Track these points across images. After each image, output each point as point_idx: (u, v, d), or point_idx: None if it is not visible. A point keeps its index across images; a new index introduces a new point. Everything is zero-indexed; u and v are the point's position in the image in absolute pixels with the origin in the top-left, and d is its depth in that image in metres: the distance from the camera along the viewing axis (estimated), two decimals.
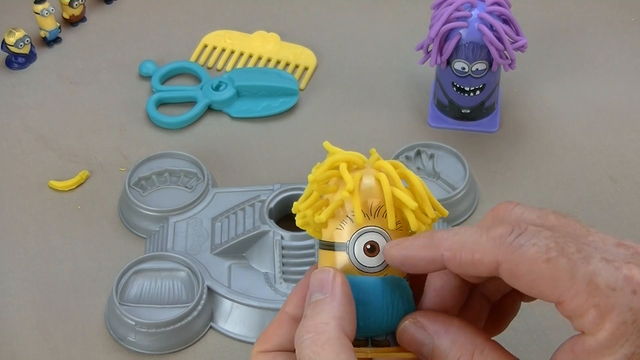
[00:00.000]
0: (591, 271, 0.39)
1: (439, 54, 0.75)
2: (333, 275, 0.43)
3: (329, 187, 0.45)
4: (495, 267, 0.40)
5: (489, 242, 0.41)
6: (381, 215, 0.45)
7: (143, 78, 0.86)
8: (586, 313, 0.38)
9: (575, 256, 0.39)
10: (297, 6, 0.93)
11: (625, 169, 0.78)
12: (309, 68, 0.87)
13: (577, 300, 0.39)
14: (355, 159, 0.46)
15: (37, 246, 0.73)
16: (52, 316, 0.69)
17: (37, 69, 0.87)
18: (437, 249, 0.42)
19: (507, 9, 0.75)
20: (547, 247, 0.39)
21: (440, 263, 0.42)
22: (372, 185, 0.45)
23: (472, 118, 0.80)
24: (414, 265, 0.43)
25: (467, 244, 0.41)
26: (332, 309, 0.42)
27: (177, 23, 0.92)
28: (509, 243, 0.40)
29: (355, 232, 0.45)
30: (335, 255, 0.45)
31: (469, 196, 0.74)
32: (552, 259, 0.39)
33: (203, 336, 0.67)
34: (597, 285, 0.38)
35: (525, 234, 0.40)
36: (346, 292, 0.43)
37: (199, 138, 0.81)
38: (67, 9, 0.90)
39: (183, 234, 0.71)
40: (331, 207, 0.45)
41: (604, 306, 0.38)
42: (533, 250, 0.39)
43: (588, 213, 0.75)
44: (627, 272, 0.39)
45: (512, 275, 0.40)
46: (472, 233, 0.41)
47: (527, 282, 0.40)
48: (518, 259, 0.40)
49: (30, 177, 0.78)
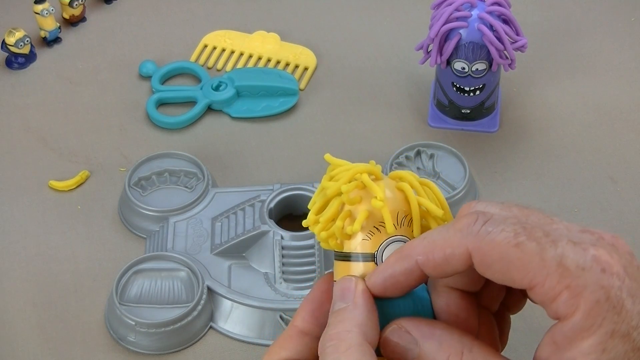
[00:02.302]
0: (560, 253, 0.39)
1: (439, 54, 0.75)
2: (355, 284, 0.43)
3: (352, 198, 0.45)
4: (467, 257, 0.40)
5: (457, 234, 0.41)
6: (406, 224, 0.45)
7: (143, 78, 0.86)
8: (559, 296, 0.38)
9: (543, 240, 0.39)
10: (297, 6, 0.93)
11: (625, 169, 0.78)
12: (309, 68, 0.87)
13: (548, 283, 0.39)
14: (373, 170, 0.46)
15: (37, 246, 0.73)
16: (52, 316, 0.69)
17: (37, 69, 0.87)
18: (410, 258, 0.42)
19: (507, 9, 0.75)
20: (514, 232, 0.39)
21: (418, 272, 0.42)
22: (394, 196, 0.45)
23: (472, 118, 0.80)
24: (395, 284, 0.43)
25: (437, 243, 0.41)
26: (354, 317, 0.42)
27: (177, 23, 0.92)
28: (476, 231, 0.40)
29: (383, 241, 0.45)
30: (360, 265, 0.45)
31: (469, 196, 0.74)
32: (521, 244, 0.39)
33: (203, 336, 0.67)
34: (567, 266, 0.38)
35: (492, 221, 0.40)
36: (368, 299, 0.43)
37: (199, 138, 0.81)
38: (67, 9, 0.90)
39: (183, 234, 0.71)
40: (361, 216, 0.44)
41: (576, 286, 0.38)
42: (501, 236, 0.39)
43: (588, 213, 0.75)
44: (594, 252, 0.39)
45: (484, 264, 0.40)
46: (440, 232, 0.42)
47: (498, 269, 0.40)
48: (487, 246, 0.40)
49: (30, 177, 0.78)
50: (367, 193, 0.45)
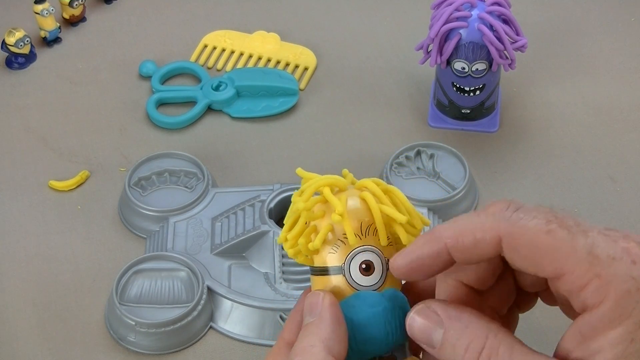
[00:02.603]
0: (590, 243, 0.39)
1: (439, 54, 0.75)
2: (322, 298, 0.44)
3: (315, 213, 0.46)
4: (497, 242, 0.40)
5: (488, 218, 0.41)
6: (372, 234, 0.45)
7: (143, 78, 0.86)
8: (588, 284, 0.38)
9: (574, 228, 0.39)
10: (297, 6, 0.93)
11: (625, 169, 0.78)
12: (309, 68, 0.87)
13: (578, 271, 0.38)
14: (336, 182, 0.46)
15: (37, 246, 0.73)
16: (52, 316, 0.69)
17: (37, 69, 0.87)
18: (439, 240, 0.42)
19: (507, 9, 0.75)
20: (546, 219, 0.39)
21: (446, 257, 0.42)
22: (358, 206, 0.45)
23: (472, 118, 0.80)
24: (421, 267, 0.43)
25: (468, 227, 0.41)
26: (319, 331, 0.43)
27: (177, 23, 0.92)
28: (508, 217, 0.40)
29: (349, 253, 0.45)
30: (331, 279, 0.45)
31: (469, 196, 0.74)
32: (553, 231, 0.39)
33: (203, 336, 0.67)
34: (597, 255, 0.38)
35: (524, 209, 0.40)
36: (334, 313, 0.44)
37: (199, 138, 0.81)
38: (67, 9, 0.90)
39: (183, 234, 0.71)
40: (322, 233, 0.45)
41: (606, 275, 0.38)
42: (533, 223, 0.39)
43: (588, 213, 0.75)
44: (624, 244, 0.39)
45: (513, 249, 0.40)
46: (470, 216, 0.42)
47: (527, 255, 0.40)
48: (519, 231, 0.40)
49: (30, 177, 0.78)
50: (330, 207, 0.45)
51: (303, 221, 0.46)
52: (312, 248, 0.45)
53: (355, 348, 0.44)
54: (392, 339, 0.44)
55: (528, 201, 0.75)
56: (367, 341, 0.44)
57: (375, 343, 0.44)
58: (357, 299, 0.44)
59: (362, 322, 0.44)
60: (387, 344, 0.44)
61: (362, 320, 0.44)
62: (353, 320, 0.44)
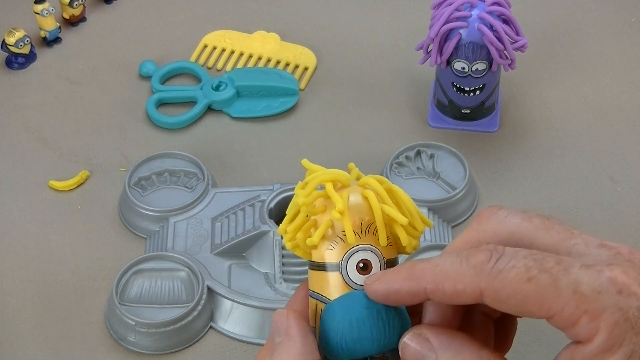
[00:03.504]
0: (573, 280, 0.39)
1: (439, 54, 0.75)
2: (286, 317, 0.44)
3: (316, 208, 0.45)
4: (479, 295, 0.40)
5: (470, 271, 0.41)
6: (371, 233, 0.45)
7: (143, 78, 0.86)
8: (578, 321, 0.39)
9: (554, 269, 0.39)
10: (297, 6, 0.93)
11: (625, 169, 0.78)
12: (309, 68, 0.87)
13: (567, 310, 0.39)
14: (340, 178, 0.46)
15: (37, 246, 0.73)
16: (52, 316, 0.69)
17: (37, 69, 0.87)
18: (420, 282, 0.42)
19: (507, 9, 0.75)
20: (526, 267, 0.39)
21: (423, 295, 0.42)
22: (359, 203, 0.45)
23: (472, 118, 0.80)
24: (397, 299, 0.43)
25: (449, 275, 0.41)
26: (289, 349, 0.43)
27: (177, 23, 0.92)
28: (489, 270, 0.40)
29: (347, 251, 0.45)
30: (327, 275, 0.45)
31: (469, 196, 0.74)
32: (534, 278, 0.39)
33: (203, 336, 0.67)
34: (582, 292, 0.39)
35: (504, 257, 0.40)
36: (299, 329, 0.44)
37: (199, 138, 0.81)
38: (67, 9, 0.89)
39: (183, 234, 0.71)
40: (321, 229, 0.45)
41: (594, 310, 0.38)
42: (513, 273, 0.39)
43: (588, 213, 0.75)
44: (609, 273, 0.39)
45: (498, 300, 0.40)
46: (453, 263, 0.41)
47: (513, 305, 0.40)
48: (499, 284, 0.40)
49: (30, 177, 0.78)
50: (332, 202, 0.45)
51: (303, 215, 0.46)
52: (310, 244, 0.45)
53: (346, 348, 0.44)
54: (384, 341, 0.44)
55: (528, 201, 0.76)
56: (358, 341, 0.44)
57: (366, 344, 0.44)
58: (352, 298, 0.44)
59: (355, 322, 0.44)
60: (379, 345, 0.44)
61: (354, 320, 0.44)
62: (345, 320, 0.44)
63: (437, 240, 0.71)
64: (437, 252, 0.66)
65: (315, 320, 0.45)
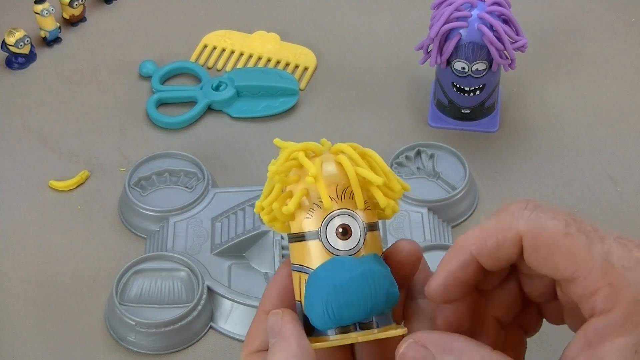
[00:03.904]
0: (606, 250, 0.39)
1: (439, 54, 0.75)
2: (281, 317, 0.44)
3: (290, 178, 0.45)
4: (519, 241, 0.41)
5: (507, 217, 0.41)
6: (348, 197, 0.44)
7: (143, 78, 0.86)
8: (599, 291, 0.39)
9: (592, 234, 0.40)
10: (297, 6, 0.93)
11: (625, 169, 0.78)
12: (309, 68, 0.87)
13: (592, 277, 0.39)
14: (311, 147, 0.45)
15: (37, 246, 0.73)
16: (52, 316, 0.69)
17: (37, 69, 0.87)
18: (464, 250, 0.42)
19: (507, 9, 0.75)
20: (565, 222, 0.40)
21: (475, 266, 0.42)
22: (333, 169, 0.44)
23: (472, 118, 0.80)
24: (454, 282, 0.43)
25: (489, 230, 0.42)
26: (285, 351, 0.43)
27: (177, 23, 0.92)
28: (527, 216, 0.41)
29: (325, 217, 0.44)
30: (308, 245, 0.44)
31: (469, 196, 0.74)
32: (571, 234, 0.40)
33: (203, 336, 0.67)
34: (612, 263, 0.39)
35: (542, 208, 0.41)
36: (294, 329, 0.44)
37: (199, 138, 0.81)
38: (67, 9, 0.89)
39: (183, 234, 0.71)
40: (297, 196, 0.44)
41: (618, 284, 0.38)
42: (552, 224, 0.40)
43: (588, 213, 0.75)
44: (638, 254, 0.39)
45: (532, 248, 0.40)
46: (490, 219, 0.42)
47: (544, 255, 0.40)
48: (538, 230, 0.40)
49: (30, 177, 0.78)
50: (305, 171, 0.44)
51: (278, 188, 0.45)
52: (286, 212, 0.44)
53: (332, 314, 0.43)
54: (370, 305, 0.43)
55: None
56: (344, 307, 0.43)
57: (352, 308, 0.43)
58: (334, 263, 0.44)
59: (339, 287, 0.43)
60: (365, 310, 0.43)
61: (339, 285, 0.43)
62: (330, 286, 0.43)
63: (437, 240, 0.71)
64: (437, 252, 0.66)
65: (300, 293, 0.45)
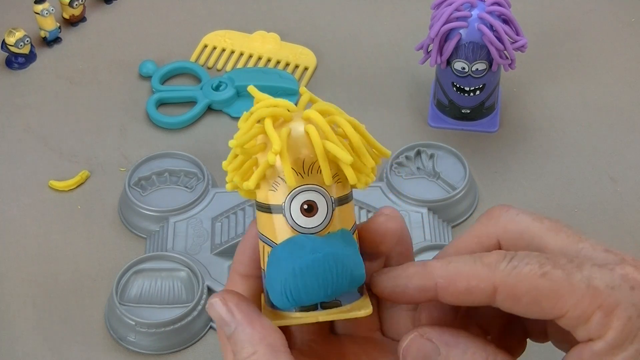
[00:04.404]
0: (587, 275, 0.39)
1: (439, 54, 0.75)
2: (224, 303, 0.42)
3: (255, 146, 0.42)
4: (492, 292, 0.40)
5: (484, 268, 0.41)
6: (315, 172, 0.41)
7: (143, 78, 0.86)
8: (592, 316, 0.39)
9: (568, 266, 0.39)
10: (297, 6, 0.93)
11: (625, 169, 0.78)
12: (309, 68, 0.87)
13: (580, 306, 0.39)
14: (281, 112, 0.42)
15: (37, 246, 0.73)
16: (52, 316, 0.69)
17: (37, 69, 0.87)
18: (431, 276, 0.42)
19: (507, 9, 0.75)
20: (539, 263, 0.40)
21: (432, 292, 0.42)
22: (302, 139, 0.41)
23: (472, 118, 0.80)
24: (403, 294, 0.43)
25: (462, 272, 0.41)
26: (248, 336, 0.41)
27: (177, 23, 0.92)
28: (504, 267, 0.40)
29: (289, 193, 0.41)
30: (273, 217, 0.42)
31: (469, 196, 0.74)
32: (547, 273, 0.39)
33: (203, 336, 0.67)
34: (596, 286, 0.39)
35: (517, 257, 0.40)
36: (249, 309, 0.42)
37: (199, 138, 0.81)
38: (67, 9, 0.89)
39: (183, 234, 0.71)
40: (258, 172, 0.41)
41: (608, 305, 0.38)
42: (527, 269, 0.40)
43: (588, 213, 0.75)
44: (621, 271, 0.39)
45: (511, 298, 0.40)
46: (466, 261, 0.41)
47: (527, 302, 0.40)
48: (514, 279, 0.40)
49: (30, 177, 0.78)
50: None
51: (240, 159, 0.42)
52: (247, 188, 0.42)
53: (291, 297, 0.41)
54: (332, 289, 0.41)
55: (528, 201, 0.76)
56: (303, 290, 0.41)
57: (312, 292, 0.41)
58: (296, 243, 0.41)
59: (298, 270, 0.40)
60: (326, 293, 0.41)
61: (297, 269, 0.40)
62: (289, 267, 0.41)
63: (437, 240, 0.71)
64: (437, 252, 0.66)
65: (264, 264, 0.42)
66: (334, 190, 0.42)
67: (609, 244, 0.41)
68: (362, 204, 0.72)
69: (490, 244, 0.43)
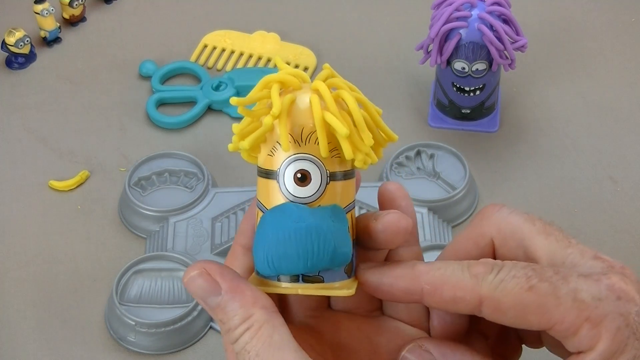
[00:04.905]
0: (572, 288, 0.39)
1: (439, 54, 0.75)
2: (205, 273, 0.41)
3: (261, 109, 0.42)
4: (477, 304, 0.40)
5: (471, 279, 0.40)
6: (314, 142, 0.41)
7: (143, 78, 0.86)
8: (580, 329, 0.39)
9: (554, 278, 0.39)
10: (297, 6, 0.93)
11: (625, 169, 0.78)
12: (309, 68, 0.87)
13: (568, 319, 0.39)
14: (289, 80, 0.42)
15: (37, 246, 0.73)
16: (52, 316, 0.69)
17: (37, 69, 0.87)
18: (417, 281, 0.42)
19: (507, 9, 0.75)
20: (526, 276, 0.40)
21: (417, 296, 0.42)
22: (305, 108, 0.41)
23: (472, 118, 0.80)
24: (388, 292, 0.43)
25: (450, 280, 0.41)
26: (239, 301, 0.41)
27: (177, 23, 0.92)
28: (491, 280, 0.40)
29: (284, 159, 0.41)
30: (269, 183, 0.42)
31: (469, 196, 0.74)
32: (534, 287, 0.39)
33: (203, 336, 0.67)
34: (583, 299, 0.39)
35: (504, 269, 0.40)
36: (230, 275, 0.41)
37: (199, 138, 0.81)
38: (67, 9, 0.90)
39: (183, 234, 0.71)
40: (256, 133, 0.41)
41: (596, 317, 0.38)
42: (514, 283, 0.40)
43: (588, 213, 0.75)
44: (607, 281, 0.39)
45: (498, 311, 0.40)
46: (454, 270, 0.41)
47: (513, 315, 0.40)
48: (500, 293, 0.40)
49: (30, 177, 0.78)
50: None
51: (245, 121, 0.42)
52: (241, 147, 0.42)
53: (271, 264, 0.41)
54: (311, 262, 0.40)
55: (528, 201, 0.76)
56: (283, 258, 0.41)
57: (291, 262, 0.40)
58: (283, 211, 0.41)
59: (281, 238, 0.40)
60: (305, 265, 0.41)
61: (280, 236, 0.40)
62: (273, 234, 0.41)
63: (437, 240, 0.71)
64: (437, 252, 0.66)
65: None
66: (330, 164, 0.42)
67: (609, 244, 0.42)
68: (362, 204, 0.72)
69: (485, 244, 0.43)
